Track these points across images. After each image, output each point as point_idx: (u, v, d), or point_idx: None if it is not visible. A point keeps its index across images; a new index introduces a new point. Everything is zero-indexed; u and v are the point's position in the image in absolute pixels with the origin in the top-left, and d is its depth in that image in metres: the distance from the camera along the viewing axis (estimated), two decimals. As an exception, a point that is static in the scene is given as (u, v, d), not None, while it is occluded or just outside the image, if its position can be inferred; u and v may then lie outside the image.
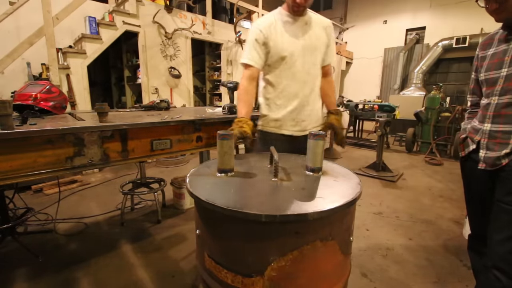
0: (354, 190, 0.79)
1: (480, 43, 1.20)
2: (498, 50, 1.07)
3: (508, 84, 1.01)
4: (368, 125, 6.42)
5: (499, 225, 1.02)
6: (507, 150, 1.00)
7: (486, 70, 1.11)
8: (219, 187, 0.82)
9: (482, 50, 1.17)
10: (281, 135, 1.43)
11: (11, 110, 1.09)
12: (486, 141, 1.08)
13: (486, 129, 1.09)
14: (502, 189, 1.03)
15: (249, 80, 1.34)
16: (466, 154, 1.20)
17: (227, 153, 0.91)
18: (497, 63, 1.07)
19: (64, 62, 3.56)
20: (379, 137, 3.75)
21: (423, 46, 8.07)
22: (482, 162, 1.09)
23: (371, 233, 2.30)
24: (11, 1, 3.36)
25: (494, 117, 1.06)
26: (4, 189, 1.96)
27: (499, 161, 1.03)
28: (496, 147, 1.04)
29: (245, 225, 0.68)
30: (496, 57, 1.07)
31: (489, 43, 1.14)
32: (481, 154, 1.10)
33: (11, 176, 1.08)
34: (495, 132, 1.05)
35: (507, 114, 1.02)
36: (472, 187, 1.24)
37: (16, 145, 1.06)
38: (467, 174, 1.25)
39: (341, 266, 0.79)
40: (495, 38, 1.12)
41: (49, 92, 1.66)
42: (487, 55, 1.13)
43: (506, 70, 1.03)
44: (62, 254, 1.91)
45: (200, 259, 0.84)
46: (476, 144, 1.13)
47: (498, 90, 1.05)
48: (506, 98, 1.02)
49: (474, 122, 1.18)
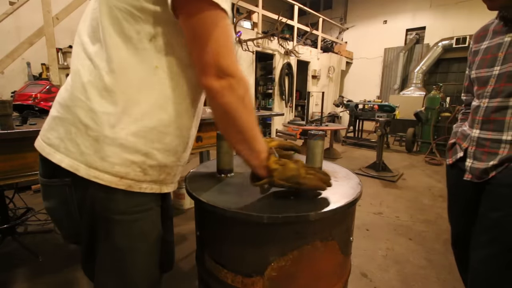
0: (354, 190, 0.79)
1: (474, 35, 1.05)
2: (492, 44, 0.94)
3: (499, 85, 0.88)
4: (368, 125, 6.41)
5: (480, 243, 0.94)
6: (495, 162, 0.88)
7: (477, 67, 0.98)
8: (219, 188, 0.81)
9: (475, 43, 1.03)
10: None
11: (11, 110, 1.09)
12: (473, 150, 0.96)
13: (474, 136, 0.96)
14: (487, 203, 0.94)
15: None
16: (453, 162, 1.09)
17: (227, 154, 0.91)
18: (489, 60, 0.93)
19: (64, 62, 3.57)
20: (379, 137, 3.75)
21: (423, 46, 8.08)
22: (468, 172, 0.98)
23: (371, 233, 2.30)
24: (11, 1, 3.35)
25: (484, 122, 0.93)
26: (4, 189, 1.96)
27: (486, 175, 0.91)
28: (483, 157, 0.92)
29: (245, 226, 0.68)
30: (489, 52, 0.94)
31: (483, 35, 1.00)
32: (467, 164, 0.98)
33: (11, 176, 1.08)
34: (483, 140, 0.93)
35: (497, 120, 0.89)
36: (456, 196, 1.14)
37: (16, 145, 1.06)
38: (452, 182, 1.15)
39: (341, 266, 0.79)
40: (489, 29, 0.98)
41: (49, 92, 1.66)
42: (480, 49, 0.99)
43: (498, 69, 0.89)
44: (62, 254, 1.91)
45: (200, 259, 0.84)
46: (464, 151, 1.02)
47: (489, 91, 0.91)
48: (497, 101, 0.89)
49: (465, 127, 1.06)
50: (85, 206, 0.61)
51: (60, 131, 0.59)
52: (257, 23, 6.07)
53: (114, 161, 0.57)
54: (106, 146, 0.56)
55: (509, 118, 0.86)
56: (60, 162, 0.58)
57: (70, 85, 0.60)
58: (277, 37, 6.34)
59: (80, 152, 0.57)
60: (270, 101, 7.17)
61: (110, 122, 0.56)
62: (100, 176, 0.57)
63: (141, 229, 0.63)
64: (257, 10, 5.94)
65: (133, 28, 0.55)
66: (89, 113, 0.56)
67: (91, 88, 0.56)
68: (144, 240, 0.65)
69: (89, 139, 0.56)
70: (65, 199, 0.61)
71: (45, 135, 0.62)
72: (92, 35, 0.59)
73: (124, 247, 0.62)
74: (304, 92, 7.41)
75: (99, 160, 0.57)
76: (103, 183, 0.57)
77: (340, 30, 9.65)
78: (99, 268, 0.65)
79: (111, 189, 0.58)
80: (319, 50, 7.97)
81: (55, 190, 0.63)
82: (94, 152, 0.56)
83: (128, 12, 0.54)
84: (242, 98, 0.58)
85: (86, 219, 0.62)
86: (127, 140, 0.57)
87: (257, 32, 6.00)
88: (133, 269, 0.64)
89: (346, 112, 6.38)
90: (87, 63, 0.58)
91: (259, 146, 0.65)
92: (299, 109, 8.35)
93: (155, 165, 0.62)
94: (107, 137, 0.56)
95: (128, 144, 0.58)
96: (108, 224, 0.60)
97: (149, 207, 0.65)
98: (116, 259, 0.63)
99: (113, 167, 0.57)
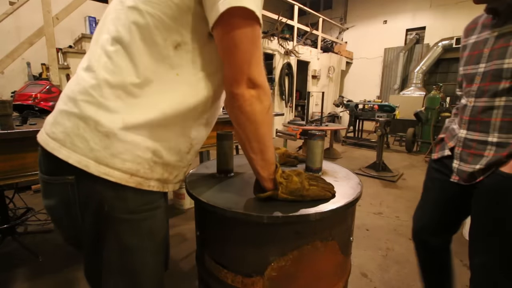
0: (354, 190, 0.79)
1: (465, 28, 1.01)
2: (480, 39, 0.90)
3: (485, 84, 0.85)
4: (368, 125, 6.42)
5: (477, 248, 0.93)
6: (482, 166, 0.86)
7: (465, 63, 0.95)
8: (219, 188, 0.81)
9: (465, 37, 0.99)
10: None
11: (11, 110, 1.09)
12: (460, 150, 0.94)
13: (461, 136, 0.95)
14: (477, 207, 0.93)
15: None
16: (438, 158, 1.07)
17: (226, 154, 0.91)
18: (476, 56, 0.90)
19: (64, 62, 3.57)
20: (379, 137, 3.75)
21: (423, 46, 8.08)
22: (455, 174, 0.97)
23: (371, 233, 2.30)
24: (11, 1, 3.36)
25: (470, 122, 0.91)
26: (4, 189, 1.96)
27: (473, 179, 0.90)
28: (469, 159, 0.91)
29: (246, 226, 0.68)
30: (476, 47, 0.91)
31: (472, 28, 0.96)
32: (454, 165, 0.97)
33: (11, 176, 1.08)
34: (470, 141, 0.91)
35: (483, 121, 0.86)
36: (435, 191, 1.11)
37: (16, 145, 1.06)
38: (433, 177, 1.11)
39: (341, 266, 0.79)
40: (479, 22, 0.94)
41: (49, 92, 1.66)
42: (467, 44, 0.96)
43: (484, 66, 0.86)
44: (62, 254, 1.91)
45: (200, 259, 0.84)
46: (450, 151, 1.01)
47: (475, 90, 0.89)
48: (483, 101, 0.86)
49: (455, 124, 1.04)
50: (90, 205, 0.58)
51: (66, 125, 0.57)
52: (257, 23, 6.06)
53: (125, 157, 0.56)
54: (117, 142, 0.55)
55: (494, 119, 0.84)
56: (67, 158, 0.55)
57: (82, 79, 0.58)
58: (277, 37, 6.34)
59: (89, 148, 0.55)
60: (270, 101, 7.16)
61: (123, 120, 0.55)
62: (110, 173, 0.55)
63: (149, 228, 0.63)
64: (257, 10, 5.94)
65: (161, 35, 0.55)
66: (100, 109, 0.55)
67: (106, 86, 0.55)
68: (153, 239, 0.64)
69: (98, 135, 0.55)
70: (67, 197, 0.59)
71: (50, 129, 0.59)
72: (114, 34, 0.58)
73: (133, 247, 0.61)
74: (304, 92, 7.41)
75: (110, 156, 0.55)
76: (113, 180, 0.55)
77: (340, 30, 9.65)
78: (108, 270, 0.63)
79: (121, 187, 0.57)
80: (319, 50, 7.98)
81: (57, 188, 0.60)
82: (104, 148, 0.55)
83: (159, 19, 0.54)
84: (267, 109, 0.60)
85: (91, 218, 0.60)
86: (138, 137, 0.57)
87: (257, 32, 5.99)
88: (142, 269, 0.63)
89: (346, 112, 6.38)
90: (103, 60, 0.57)
91: (272, 157, 0.66)
92: (299, 109, 8.36)
93: (160, 163, 0.62)
94: (118, 133, 0.55)
95: (139, 141, 0.57)
96: (116, 224, 0.59)
97: (157, 205, 0.64)
98: (125, 260, 0.62)
99: (124, 164, 0.56)
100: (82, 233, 0.63)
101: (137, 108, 0.56)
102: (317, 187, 0.70)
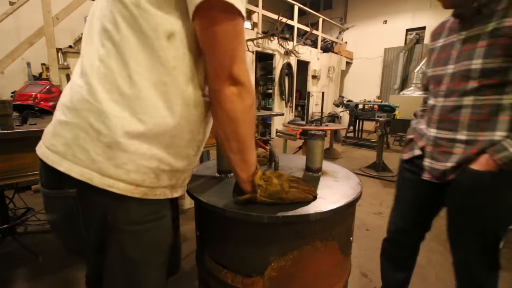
0: (354, 190, 0.79)
1: (432, 32, 1.04)
2: (447, 42, 0.94)
3: (454, 84, 0.88)
4: (368, 125, 6.41)
5: (454, 244, 0.98)
6: (453, 164, 0.88)
7: (433, 65, 0.98)
8: (219, 188, 0.82)
9: (432, 41, 1.02)
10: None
11: (11, 110, 1.09)
12: (431, 149, 0.96)
13: (431, 135, 0.97)
14: (450, 205, 0.97)
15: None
16: (409, 158, 1.08)
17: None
18: (444, 58, 0.93)
19: (64, 62, 3.57)
20: (379, 137, 3.75)
21: (423, 46, 8.08)
22: (427, 172, 0.98)
23: (371, 233, 2.30)
24: (11, 1, 3.36)
25: (440, 121, 0.93)
26: (4, 189, 1.96)
27: (445, 177, 0.92)
28: (440, 157, 0.93)
29: (246, 226, 0.68)
30: (444, 50, 0.94)
31: (439, 32, 0.99)
32: (426, 164, 0.98)
33: (11, 176, 1.08)
34: (439, 139, 0.93)
35: (452, 120, 0.88)
36: (408, 191, 1.12)
37: (16, 145, 1.06)
38: (405, 177, 1.12)
39: (341, 266, 0.79)
40: (446, 26, 0.97)
41: (49, 92, 1.67)
42: (435, 47, 0.99)
43: (452, 67, 0.88)
44: (62, 254, 1.91)
45: (200, 259, 0.84)
46: (421, 150, 1.02)
47: (444, 90, 0.91)
48: (452, 100, 0.88)
49: (422, 125, 1.05)
50: (94, 217, 0.56)
51: (66, 136, 0.54)
52: (257, 23, 6.07)
53: (130, 168, 0.53)
54: (120, 153, 0.52)
55: (463, 117, 0.86)
56: (69, 171, 0.52)
57: (78, 85, 0.55)
58: (277, 37, 6.34)
59: (91, 159, 0.52)
60: (270, 101, 7.17)
61: (124, 127, 0.52)
62: (115, 185, 0.53)
63: (153, 239, 0.61)
64: (257, 10, 5.95)
65: (149, 26, 0.51)
66: (100, 117, 0.52)
67: (102, 90, 0.52)
68: (156, 250, 0.63)
69: (100, 145, 0.52)
70: (71, 211, 0.57)
71: (49, 141, 0.56)
72: (102, 33, 0.54)
73: (137, 258, 0.60)
74: (304, 92, 7.41)
75: (113, 167, 0.53)
76: (118, 192, 0.53)
77: (340, 30, 9.65)
78: (110, 278, 0.62)
79: (124, 198, 0.54)
80: (319, 50, 7.98)
81: (59, 202, 0.58)
82: (107, 159, 0.52)
83: (144, 8, 0.51)
84: (248, 108, 0.57)
85: (95, 231, 0.58)
86: (142, 146, 0.54)
87: (257, 32, 6.00)
88: (145, 280, 0.62)
89: (346, 112, 6.38)
90: (96, 64, 0.53)
91: (251, 159, 0.63)
92: (299, 109, 8.36)
93: (168, 170, 0.59)
94: (121, 143, 0.52)
95: (144, 150, 0.54)
96: (120, 235, 0.57)
97: (162, 215, 0.62)
98: (128, 271, 0.60)
99: (128, 175, 0.54)
100: (86, 244, 0.61)
101: (138, 112, 0.53)
102: (297, 190, 0.69)
